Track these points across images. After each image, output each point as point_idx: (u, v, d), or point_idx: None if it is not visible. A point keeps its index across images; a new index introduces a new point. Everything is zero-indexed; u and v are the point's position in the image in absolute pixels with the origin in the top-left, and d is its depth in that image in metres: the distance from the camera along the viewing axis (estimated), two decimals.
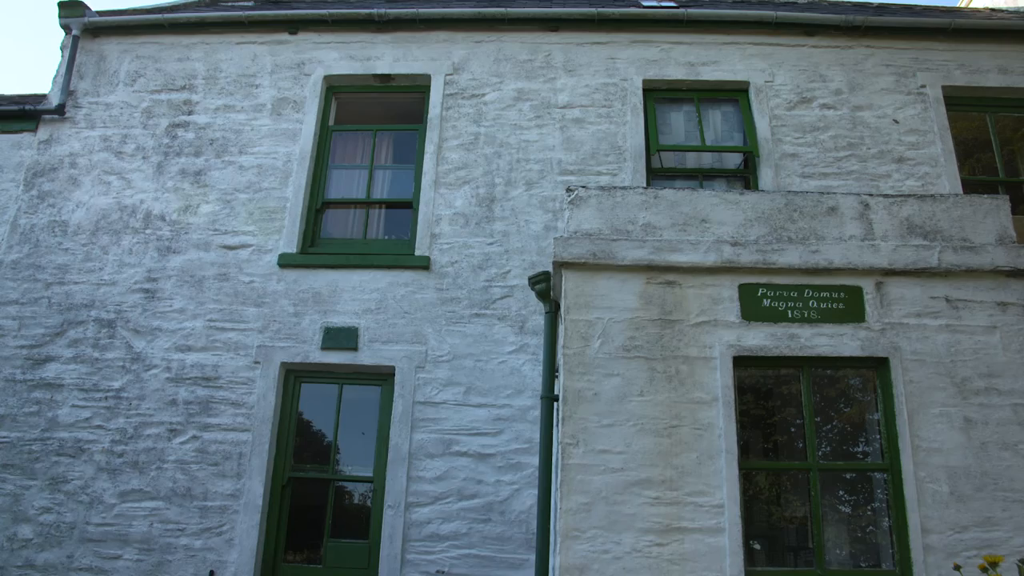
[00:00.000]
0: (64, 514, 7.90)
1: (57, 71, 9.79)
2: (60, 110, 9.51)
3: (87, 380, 8.32)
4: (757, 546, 5.88)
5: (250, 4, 11.19)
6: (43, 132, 9.54)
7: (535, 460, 7.38)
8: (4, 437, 8.24)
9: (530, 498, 7.37)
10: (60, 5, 9.89)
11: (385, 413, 7.92)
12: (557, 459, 5.74)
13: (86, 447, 8.09)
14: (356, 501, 8.03)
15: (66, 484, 7.99)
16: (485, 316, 8.09)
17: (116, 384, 8.25)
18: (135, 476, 7.92)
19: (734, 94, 9.15)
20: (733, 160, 9.06)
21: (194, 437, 7.96)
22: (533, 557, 6.91)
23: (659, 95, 9.17)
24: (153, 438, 8.02)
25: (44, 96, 9.87)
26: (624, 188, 6.11)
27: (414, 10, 9.34)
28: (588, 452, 5.34)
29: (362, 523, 7.74)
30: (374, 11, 9.32)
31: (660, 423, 5.39)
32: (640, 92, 9.02)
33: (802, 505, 5.91)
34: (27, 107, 9.65)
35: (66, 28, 9.91)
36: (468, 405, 7.81)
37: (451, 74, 9.18)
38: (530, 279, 6.54)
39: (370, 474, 7.82)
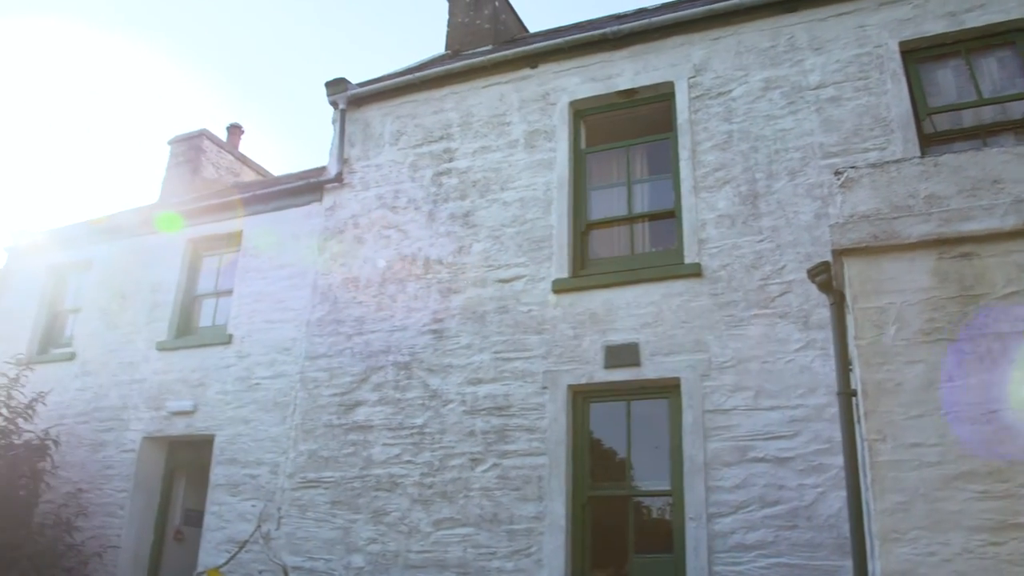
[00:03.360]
0: (388, 543, 8.55)
1: (332, 143, 10.79)
2: (338, 178, 10.46)
3: (393, 419, 8.99)
4: None
5: (489, 48, 11.72)
6: (327, 200, 10.52)
7: (838, 460, 6.98)
8: (330, 477, 9.10)
9: (837, 500, 6.98)
10: (326, 85, 10.91)
11: (675, 425, 7.85)
12: (863, 457, 5.41)
13: (399, 481, 8.72)
14: (655, 515, 7.99)
15: (386, 516, 8.66)
16: (765, 316, 7.81)
17: (419, 421, 8.84)
18: (445, 505, 8.42)
19: (1009, 36, 8.21)
20: (1019, 109, 8.17)
21: (495, 465, 8.33)
22: (848, 563, 6.54)
23: (919, 55, 8.45)
24: (457, 468, 8.49)
25: (323, 168, 10.91)
26: (898, 161, 5.70)
27: (647, 20, 9.31)
28: (897, 447, 4.99)
29: (664, 537, 7.69)
30: (607, 30, 9.40)
31: (976, 409, 4.93)
32: (898, 56, 8.36)
33: None
34: (311, 180, 10.73)
35: (334, 104, 10.91)
36: (759, 409, 7.55)
37: (693, 76, 9.03)
38: (809, 272, 6.25)
39: (667, 487, 7.77)
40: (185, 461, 11.12)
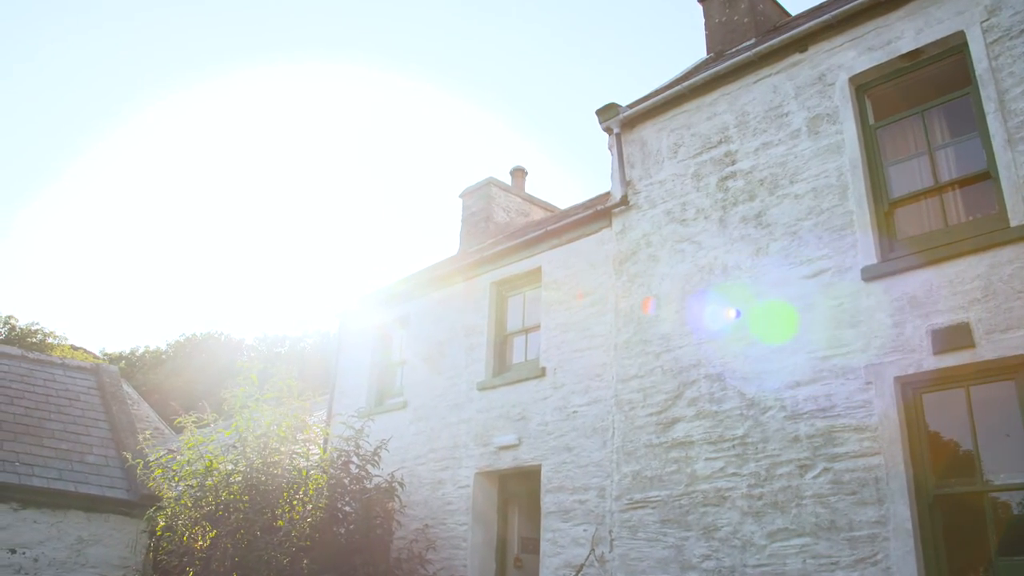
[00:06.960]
0: (722, 559, 8.41)
1: (611, 168, 11.00)
2: (624, 201, 10.62)
3: (712, 433, 8.88)
4: None
5: (752, 41, 11.40)
6: (616, 224, 10.72)
7: None
8: (656, 496, 9.14)
9: None
10: (598, 113, 11.15)
11: None
12: None
13: (726, 495, 8.57)
14: (1016, 512, 7.17)
15: (717, 531, 8.53)
16: None
17: (738, 432, 8.65)
18: (778, 516, 8.14)
19: None
20: None
21: (825, 469, 7.94)
22: None
23: None
24: (785, 477, 8.19)
25: (607, 194, 11.12)
26: None
27: None
28: None
29: None
30: None
31: None
32: None
33: None
34: (598, 208, 11.02)
35: (607, 130, 11.12)
36: None
37: (986, 19, 8.03)
38: None
39: None
40: (516, 492, 11.69)
